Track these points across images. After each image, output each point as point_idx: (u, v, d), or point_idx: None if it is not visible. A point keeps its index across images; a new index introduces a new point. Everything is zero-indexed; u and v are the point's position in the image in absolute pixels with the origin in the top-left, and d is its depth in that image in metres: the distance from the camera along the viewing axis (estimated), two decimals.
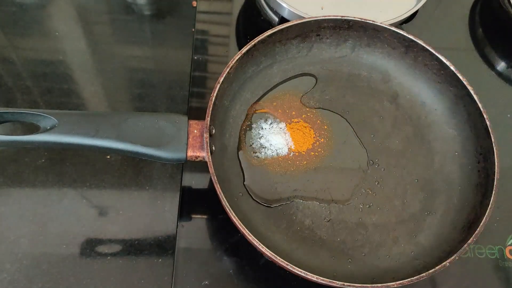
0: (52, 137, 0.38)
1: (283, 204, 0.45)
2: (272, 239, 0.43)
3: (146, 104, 0.53)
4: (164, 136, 0.41)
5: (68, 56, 0.55)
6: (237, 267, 0.45)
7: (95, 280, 0.42)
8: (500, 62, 0.63)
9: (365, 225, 0.45)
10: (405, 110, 0.52)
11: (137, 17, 0.59)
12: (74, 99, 0.53)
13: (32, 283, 0.42)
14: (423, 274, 0.37)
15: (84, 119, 0.39)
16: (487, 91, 0.58)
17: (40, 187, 0.46)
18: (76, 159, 0.48)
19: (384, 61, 0.53)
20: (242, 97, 0.50)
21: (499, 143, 0.44)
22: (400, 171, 0.48)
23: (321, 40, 0.52)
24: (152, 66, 0.57)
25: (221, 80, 0.43)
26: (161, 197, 0.47)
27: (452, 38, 0.64)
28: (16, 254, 0.42)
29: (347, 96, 0.52)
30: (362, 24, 0.50)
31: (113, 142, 0.39)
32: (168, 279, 0.43)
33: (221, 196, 0.38)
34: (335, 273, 0.41)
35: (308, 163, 0.47)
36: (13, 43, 0.55)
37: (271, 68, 0.51)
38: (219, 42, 0.61)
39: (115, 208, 0.46)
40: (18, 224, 0.44)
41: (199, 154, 0.41)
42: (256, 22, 0.62)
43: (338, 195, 0.46)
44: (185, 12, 0.60)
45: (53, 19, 0.58)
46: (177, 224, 0.45)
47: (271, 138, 0.48)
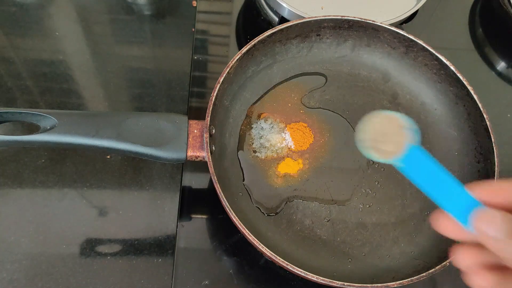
0: (52, 137, 0.38)
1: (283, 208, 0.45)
2: (272, 239, 0.43)
3: (146, 104, 0.53)
4: (164, 136, 0.41)
5: (68, 56, 0.55)
6: (237, 267, 0.45)
7: (95, 280, 0.42)
8: (500, 62, 0.63)
9: (365, 225, 0.45)
10: (405, 110, 0.52)
11: (137, 17, 0.59)
12: (74, 99, 0.53)
13: (32, 283, 0.42)
14: (423, 274, 0.37)
15: (84, 119, 0.39)
16: (487, 91, 0.58)
17: (40, 187, 0.46)
18: (76, 159, 0.48)
19: (384, 61, 0.53)
20: (242, 97, 0.50)
21: (499, 143, 0.44)
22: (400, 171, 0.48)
23: (321, 40, 0.52)
24: (152, 66, 0.57)
25: (221, 80, 0.43)
26: (161, 197, 0.47)
27: (452, 38, 0.64)
28: (16, 254, 0.42)
29: (347, 96, 0.52)
30: (362, 24, 0.50)
31: (113, 142, 0.39)
32: (168, 279, 0.43)
33: (221, 196, 0.38)
34: (335, 273, 0.41)
35: (308, 163, 0.47)
36: (13, 43, 0.55)
37: (271, 68, 0.51)
38: (219, 42, 0.61)
39: (115, 208, 0.46)
40: (18, 224, 0.44)
41: (199, 154, 0.41)
42: (256, 22, 0.62)
43: (338, 195, 0.46)
44: (185, 12, 0.60)
45: (53, 19, 0.58)
46: (177, 224, 0.45)
47: (271, 138, 0.48)
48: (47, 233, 0.44)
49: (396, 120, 0.24)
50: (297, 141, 0.48)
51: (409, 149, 0.23)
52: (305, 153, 0.48)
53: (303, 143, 0.48)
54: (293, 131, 0.48)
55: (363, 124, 0.24)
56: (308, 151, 0.48)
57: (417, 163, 0.23)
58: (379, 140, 0.24)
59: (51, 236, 0.44)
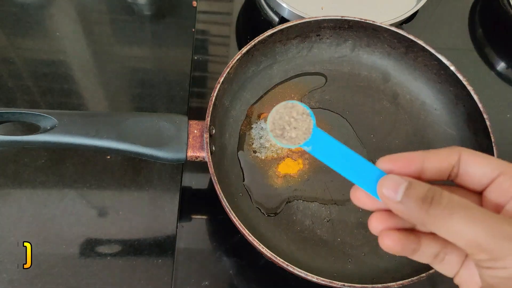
0: (52, 137, 0.38)
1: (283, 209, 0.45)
2: (272, 239, 0.43)
3: (146, 104, 0.53)
4: (164, 136, 0.41)
5: (68, 56, 0.55)
6: (237, 267, 0.45)
7: (95, 280, 0.42)
8: (500, 62, 0.63)
9: (365, 225, 0.44)
10: (405, 110, 0.52)
11: (137, 17, 0.59)
12: (74, 99, 0.53)
13: (32, 283, 0.42)
14: (423, 274, 0.37)
15: (84, 119, 0.39)
16: (487, 91, 0.58)
17: (40, 187, 0.46)
18: (76, 159, 0.48)
19: (384, 61, 0.53)
20: (242, 97, 0.50)
21: (499, 143, 0.44)
22: None
23: (321, 40, 0.52)
24: (152, 66, 0.57)
25: (221, 80, 0.43)
26: (161, 197, 0.47)
27: (452, 38, 0.64)
28: (16, 254, 0.42)
29: (347, 96, 0.52)
30: (362, 24, 0.50)
31: (113, 142, 0.39)
32: (168, 280, 0.43)
33: (221, 196, 0.38)
34: (335, 273, 0.41)
35: (308, 163, 0.47)
36: (14, 43, 0.56)
37: (271, 68, 0.51)
38: (219, 42, 0.61)
39: (115, 208, 0.46)
40: (18, 224, 0.44)
41: (199, 154, 0.41)
42: (256, 22, 0.62)
43: (338, 195, 0.46)
44: (185, 12, 0.60)
45: (53, 19, 0.58)
46: (177, 225, 0.45)
47: (271, 138, 0.48)
48: (47, 233, 0.44)
49: (297, 108, 0.26)
50: None
51: (313, 133, 0.26)
52: (305, 153, 0.48)
53: None
54: None
55: (270, 116, 0.26)
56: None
57: (323, 144, 0.26)
58: (286, 128, 0.26)
59: (51, 236, 0.44)
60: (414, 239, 0.25)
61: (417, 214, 0.23)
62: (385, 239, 0.25)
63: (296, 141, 0.26)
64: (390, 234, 0.25)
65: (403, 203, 0.23)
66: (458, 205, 0.22)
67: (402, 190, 0.23)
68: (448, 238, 0.22)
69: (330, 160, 0.26)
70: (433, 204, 0.22)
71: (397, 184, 0.23)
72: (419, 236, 0.25)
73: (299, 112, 0.26)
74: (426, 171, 0.25)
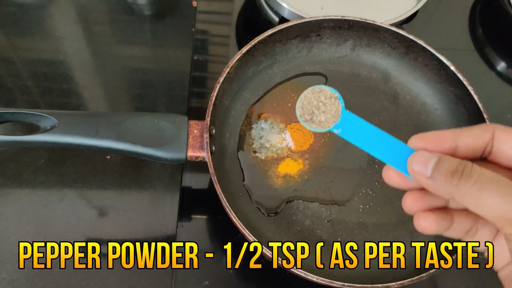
0: (52, 137, 0.38)
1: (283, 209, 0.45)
2: (272, 239, 0.43)
3: (146, 104, 0.53)
4: (164, 136, 0.41)
5: (68, 56, 0.55)
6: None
7: (95, 280, 0.42)
8: (500, 62, 0.63)
9: (365, 225, 0.45)
10: (405, 110, 0.52)
11: (137, 17, 0.59)
12: (74, 99, 0.53)
13: (32, 283, 0.42)
14: (423, 274, 0.37)
15: (84, 119, 0.39)
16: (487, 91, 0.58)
17: (40, 187, 0.46)
18: (76, 159, 0.48)
19: (384, 61, 0.53)
20: (242, 97, 0.50)
21: None
22: None
23: (321, 40, 0.52)
24: (152, 66, 0.57)
25: (221, 80, 0.43)
26: (161, 197, 0.47)
27: (452, 38, 0.64)
28: (16, 254, 0.42)
29: (347, 96, 0.51)
30: (362, 24, 0.50)
31: (113, 142, 0.39)
32: (168, 280, 0.43)
33: (221, 196, 0.38)
34: (335, 273, 0.41)
35: (308, 163, 0.47)
36: (13, 43, 0.55)
37: (271, 68, 0.51)
38: (219, 42, 0.61)
39: (115, 208, 0.46)
40: (18, 224, 0.44)
41: (199, 154, 0.41)
42: (256, 22, 0.62)
43: (338, 195, 0.46)
44: (185, 12, 0.60)
45: (53, 19, 0.58)
46: (177, 224, 0.45)
47: (271, 138, 0.48)
48: (47, 233, 0.44)
49: (325, 92, 0.26)
50: (297, 141, 0.48)
51: (342, 115, 0.26)
52: (305, 153, 0.48)
53: (303, 143, 0.48)
54: (293, 131, 0.48)
55: (299, 101, 0.27)
56: (308, 151, 0.48)
57: (352, 126, 0.26)
58: (315, 113, 0.26)
59: (51, 236, 0.44)
60: (447, 217, 0.25)
61: (447, 189, 0.23)
62: (421, 221, 0.25)
63: (325, 125, 0.26)
64: (425, 215, 0.25)
65: (433, 178, 0.23)
66: (488, 179, 0.22)
67: (431, 165, 0.23)
68: (477, 212, 0.22)
69: (360, 141, 0.26)
70: (463, 178, 0.22)
71: (426, 159, 0.24)
72: (452, 213, 0.25)
73: (327, 96, 0.26)
74: (459, 149, 0.25)
